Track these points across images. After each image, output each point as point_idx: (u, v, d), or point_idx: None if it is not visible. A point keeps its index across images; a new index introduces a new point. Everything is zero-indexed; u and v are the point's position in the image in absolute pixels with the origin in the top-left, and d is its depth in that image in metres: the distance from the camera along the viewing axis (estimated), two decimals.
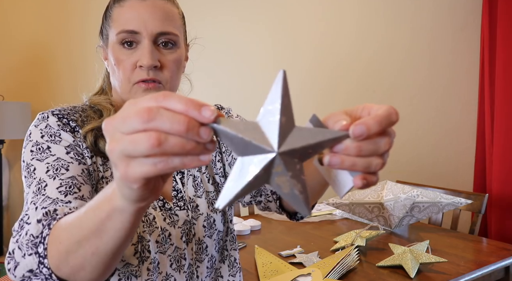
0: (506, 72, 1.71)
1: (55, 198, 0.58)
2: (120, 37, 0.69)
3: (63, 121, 0.69)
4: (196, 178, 0.80)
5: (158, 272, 0.70)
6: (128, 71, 0.70)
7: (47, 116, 0.69)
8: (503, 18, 1.71)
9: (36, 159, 0.64)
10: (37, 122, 0.69)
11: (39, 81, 3.08)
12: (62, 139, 0.67)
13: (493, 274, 1.26)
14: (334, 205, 1.61)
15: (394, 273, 1.17)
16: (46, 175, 0.61)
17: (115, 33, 0.70)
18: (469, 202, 1.58)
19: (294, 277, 1.09)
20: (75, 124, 0.70)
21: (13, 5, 3.13)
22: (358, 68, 2.30)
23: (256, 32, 2.60)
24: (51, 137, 0.66)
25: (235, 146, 0.36)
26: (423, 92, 2.09)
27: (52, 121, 0.68)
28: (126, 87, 0.71)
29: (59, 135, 0.67)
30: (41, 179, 0.61)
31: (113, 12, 0.71)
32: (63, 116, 0.70)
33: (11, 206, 3.11)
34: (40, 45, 3.08)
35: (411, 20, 2.11)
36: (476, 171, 1.87)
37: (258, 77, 2.61)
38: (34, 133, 0.67)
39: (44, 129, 0.67)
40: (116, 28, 0.70)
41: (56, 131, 0.67)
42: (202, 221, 0.77)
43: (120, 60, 0.70)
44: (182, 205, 0.76)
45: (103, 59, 0.77)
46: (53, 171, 0.62)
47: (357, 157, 0.38)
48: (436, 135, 2.07)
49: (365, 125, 0.37)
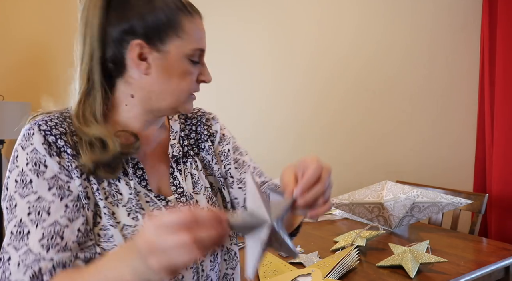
0: (506, 72, 1.71)
1: (37, 253, 0.60)
2: (194, 53, 0.72)
3: (49, 140, 0.66)
4: (193, 175, 0.81)
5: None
6: (192, 84, 0.74)
7: (33, 132, 0.66)
8: (503, 18, 1.71)
9: (18, 193, 0.64)
10: (23, 142, 0.66)
11: (39, 81, 3.08)
12: (47, 169, 0.65)
13: (493, 274, 1.26)
14: (334, 205, 1.61)
15: (394, 273, 1.17)
16: (28, 218, 0.62)
17: (191, 48, 0.72)
18: (469, 202, 1.58)
19: (294, 277, 1.09)
20: (63, 142, 0.67)
21: (13, 5, 3.13)
22: (357, 68, 2.30)
23: (255, 32, 2.60)
24: (35, 166, 0.64)
25: (244, 230, 0.54)
26: (423, 92, 2.09)
27: (38, 143, 0.65)
28: (182, 96, 0.74)
29: (44, 162, 0.65)
30: (22, 221, 0.62)
31: (184, 24, 0.71)
32: (50, 131, 0.66)
33: None
34: (40, 45, 3.08)
35: (410, 20, 2.11)
36: (476, 171, 1.87)
37: (258, 77, 2.61)
38: (21, 157, 0.65)
39: (30, 153, 0.65)
40: (192, 43, 0.72)
41: (42, 156, 0.65)
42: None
43: (188, 73, 0.73)
44: (184, 201, 0.77)
45: (137, 57, 0.70)
46: (35, 215, 0.62)
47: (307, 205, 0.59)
48: (436, 135, 2.07)
49: (300, 188, 0.58)
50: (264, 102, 2.59)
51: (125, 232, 0.67)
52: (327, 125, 2.43)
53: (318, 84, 2.45)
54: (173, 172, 0.79)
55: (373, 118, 2.27)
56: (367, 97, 2.28)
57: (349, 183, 2.28)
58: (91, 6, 0.69)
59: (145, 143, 0.77)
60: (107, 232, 0.66)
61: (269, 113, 2.58)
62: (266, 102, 2.59)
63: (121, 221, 0.67)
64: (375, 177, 2.14)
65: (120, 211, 0.68)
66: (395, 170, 2.18)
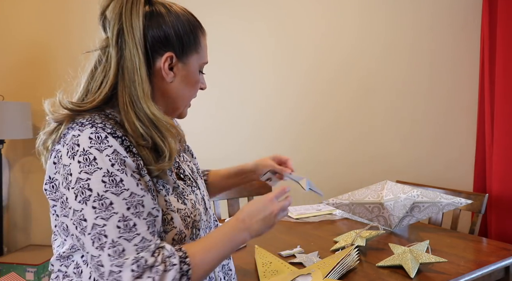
0: (506, 72, 1.71)
1: (150, 239, 0.71)
2: (203, 66, 0.87)
3: (121, 141, 0.72)
4: (189, 165, 0.97)
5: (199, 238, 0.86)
6: (196, 92, 0.88)
7: (104, 136, 0.71)
8: (503, 17, 1.71)
9: (110, 192, 0.68)
10: (97, 145, 0.69)
11: (39, 81, 3.08)
12: (128, 167, 0.71)
13: (493, 274, 1.26)
14: (334, 205, 1.61)
15: (394, 273, 1.17)
16: (129, 212, 0.69)
17: (202, 61, 0.86)
18: (469, 202, 1.58)
19: (294, 277, 1.09)
20: (128, 142, 0.73)
21: (13, 5, 3.13)
22: (358, 68, 2.30)
23: (256, 32, 2.60)
24: (121, 166, 0.70)
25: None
26: (423, 92, 2.09)
27: (116, 144, 0.71)
28: (186, 103, 0.88)
29: (125, 161, 0.71)
30: (125, 216, 0.68)
31: (201, 40, 0.85)
32: (116, 133, 0.72)
33: (11, 206, 3.11)
34: (40, 45, 3.08)
35: (411, 20, 2.11)
36: (476, 171, 1.87)
37: (258, 77, 2.61)
38: (101, 159, 0.68)
39: (111, 155, 0.69)
40: (203, 57, 0.86)
41: (123, 157, 0.71)
42: (206, 195, 0.96)
43: (197, 83, 0.87)
44: (195, 185, 0.92)
45: (167, 68, 0.80)
46: (134, 209, 0.69)
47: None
48: (436, 135, 2.07)
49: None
50: (264, 102, 2.59)
51: (180, 214, 0.80)
52: (328, 125, 2.43)
53: (320, 84, 2.45)
54: (175, 161, 0.91)
55: (373, 118, 2.27)
56: (368, 97, 2.28)
57: (349, 183, 2.28)
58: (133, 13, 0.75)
59: None
60: (166, 217, 0.77)
61: (269, 113, 2.58)
62: (266, 102, 2.59)
63: (175, 206, 0.80)
64: (375, 177, 2.14)
65: (171, 198, 0.80)
66: (395, 170, 2.18)
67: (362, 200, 1.59)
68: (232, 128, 2.67)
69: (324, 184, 2.42)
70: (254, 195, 2.03)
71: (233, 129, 2.67)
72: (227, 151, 2.64)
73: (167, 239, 0.78)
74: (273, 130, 2.58)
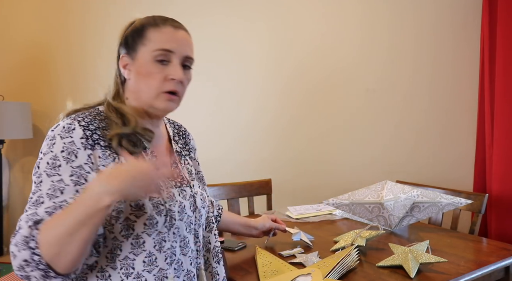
0: (506, 72, 1.71)
1: (41, 216, 0.75)
2: (156, 53, 0.87)
3: (87, 134, 0.82)
4: (188, 167, 1.04)
5: (179, 235, 0.90)
6: (158, 82, 0.87)
7: (74, 127, 0.81)
8: (503, 17, 1.71)
9: (46, 173, 0.79)
10: (63, 133, 0.81)
11: (39, 81, 3.08)
12: (76, 159, 0.80)
13: (493, 274, 1.26)
14: (334, 205, 1.61)
15: (394, 273, 1.17)
16: (46, 192, 0.77)
17: (152, 50, 0.87)
18: (469, 202, 1.58)
19: (294, 277, 1.09)
20: (97, 135, 0.83)
21: (13, 6, 3.13)
22: (358, 69, 2.30)
23: (256, 32, 2.60)
24: (68, 155, 0.80)
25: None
26: (423, 92, 2.09)
27: (77, 137, 0.81)
28: (152, 94, 0.88)
29: (76, 153, 0.80)
30: (42, 194, 0.77)
31: (149, 33, 0.89)
32: (88, 127, 0.83)
33: (11, 206, 3.11)
34: (40, 45, 3.08)
35: (411, 19, 2.11)
36: (476, 171, 1.87)
37: (258, 77, 2.61)
38: (57, 145, 0.80)
39: (67, 144, 0.80)
40: (153, 46, 0.87)
41: (76, 149, 0.80)
42: (200, 195, 1.00)
43: (152, 73, 0.87)
44: (186, 184, 0.97)
45: (121, 67, 0.91)
46: (52, 191, 0.77)
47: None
48: (436, 135, 2.07)
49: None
50: (255, 102, 2.59)
51: (152, 202, 0.85)
52: (328, 125, 2.43)
53: (319, 84, 2.45)
54: (174, 162, 0.99)
55: (373, 118, 2.27)
56: (368, 96, 2.28)
57: (349, 183, 2.28)
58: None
59: (154, 139, 0.95)
60: (138, 202, 0.83)
61: (270, 113, 2.58)
62: (257, 102, 2.59)
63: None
64: (375, 177, 2.14)
65: None
66: (395, 170, 2.18)
67: (362, 200, 1.59)
68: (228, 126, 2.67)
69: (324, 184, 2.43)
70: (254, 195, 2.03)
71: (229, 127, 2.67)
72: (226, 150, 2.65)
73: (138, 223, 0.83)
74: (274, 130, 2.58)
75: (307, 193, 2.47)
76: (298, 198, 2.46)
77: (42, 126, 3.13)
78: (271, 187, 2.10)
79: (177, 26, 0.91)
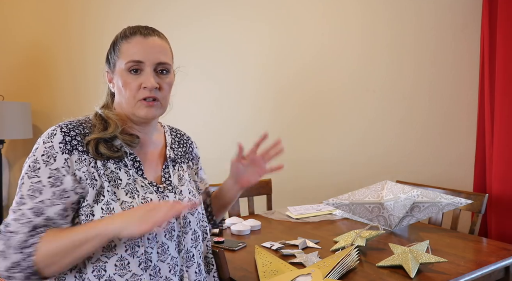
0: (506, 72, 1.71)
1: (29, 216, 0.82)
2: (128, 65, 0.91)
3: (66, 139, 0.87)
4: (180, 174, 1.05)
5: (156, 241, 0.91)
6: (134, 91, 0.92)
7: (55, 133, 0.87)
8: (503, 17, 1.71)
9: (27, 175, 0.85)
10: (46, 138, 0.87)
11: (39, 81, 3.08)
12: (54, 162, 0.85)
13: (493, 274, 1.26)
14: (334, 205, 1.61)
15: (394, 273, 1.17)
16: (27, 193, 0.83)
17: (124, 63, 0.92)
18: (469, 202, 1.58)
19: (294, 277, 1.09)
20: (76, 141, 0.88)
21: (13, 6, 3.13)
22: (358, 68, 2.30)
23: (256, 32, 2.60)
24: (47, 158, 0.85)
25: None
26: (423, 92, 2.09)
27: (57, 142, 0.86)
28: (131, 103, 0.93)
29: (55, 157, 0.85)
30: (24, 195, 0.83)
31: (121, 46, 0.93)
32: (69, 132, 0.88)
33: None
34: (40, 45, 3.08)
35: (411, 20, 2.11)
36: (476, 171, 1.87)
37: (258, 77, 2.61)
38: (40, 149, 0.86)
39: (47, 148, 0.85)
40: (125, 58, 0.92)
41: (55, 153, 0.85)
42: (186, 202, 1.00)
43: (127, 83, 0.92)
44: (171, 189, 0.99)
45: (108, 81, 0.99)
46: (32, 192, 0.83)
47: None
48: (436, 135, 2.07)
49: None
50: (255, 102, 2.60)
51: (124, 206, 0.88)
52: (328, 125, 2.43)
53: (319, 83, 2.45)
54: (166, 168, 1.02)
55: (373, 118, 2.27)
56: (368, 96, 2.28)
57: (349, 183, 2.28)
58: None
59: (144, 145, 1.00)
60: (110, 206, 0.86)
61: (259, 113, 2.58)
62: (257, 101, 2.59)
63: (120, 198, 0.89)
64: (375, 177, 2.14)
65: (119, 191, 0.90)
66: (395, 170, 2.18)
67: (362, 200, 1.59)
68: (227, 126, 2.67)
69: (324, 184, 2.43)
70: (254, 195, 2.04)
71: (229, 127, 2.67)
72: (226, 149, 2.65)
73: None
74: (274, 130, 2.58)
75: (307, 193, 2.47)
76: (298, 198, 2.46)
77: (42, 126, 3.13)
78: (271, 187, 2.10)
79: (147, 33, 0.94)
